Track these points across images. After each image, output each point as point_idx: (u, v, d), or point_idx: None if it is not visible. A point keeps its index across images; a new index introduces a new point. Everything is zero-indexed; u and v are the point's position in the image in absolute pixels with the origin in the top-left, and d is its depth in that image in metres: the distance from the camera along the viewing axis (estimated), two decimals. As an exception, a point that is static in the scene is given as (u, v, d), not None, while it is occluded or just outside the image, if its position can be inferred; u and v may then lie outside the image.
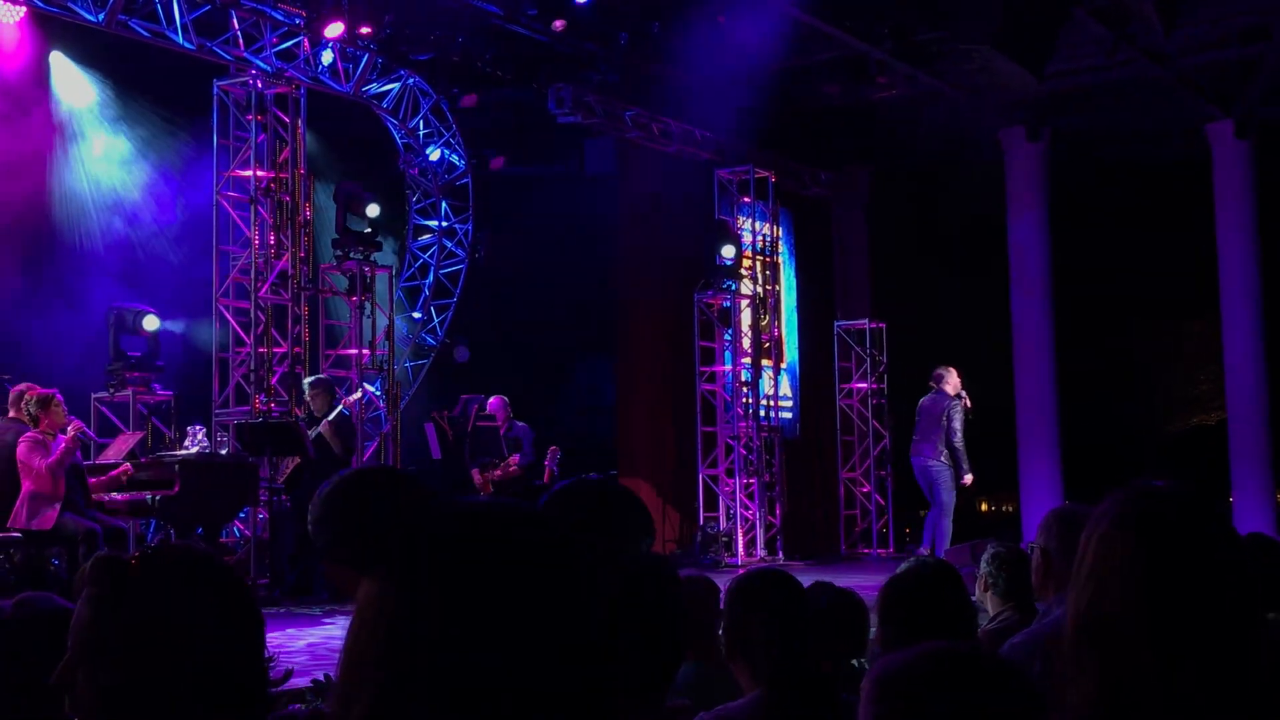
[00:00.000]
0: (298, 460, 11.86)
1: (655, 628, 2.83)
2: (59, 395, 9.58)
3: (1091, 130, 17.57)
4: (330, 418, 11.90)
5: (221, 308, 12.77)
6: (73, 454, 9.53)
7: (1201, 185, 17.24)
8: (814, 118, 17.49)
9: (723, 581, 4.12)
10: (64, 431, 9.51)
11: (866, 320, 18.80)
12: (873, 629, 4.47)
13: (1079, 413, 17.95)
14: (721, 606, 4.26)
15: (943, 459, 13.02)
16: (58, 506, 9.31)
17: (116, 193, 13.67)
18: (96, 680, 1.97)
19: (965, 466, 13.13)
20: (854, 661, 4.29)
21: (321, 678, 5.76)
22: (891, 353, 18.71)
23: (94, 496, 10.05)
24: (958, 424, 12.97)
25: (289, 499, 11.96)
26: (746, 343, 16.74)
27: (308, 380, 12.39)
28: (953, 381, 13.14)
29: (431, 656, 1.16)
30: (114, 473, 10.45)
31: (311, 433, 11.79)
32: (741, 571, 3.74)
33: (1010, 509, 18.56)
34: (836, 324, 18.97)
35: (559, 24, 13.84)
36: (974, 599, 4.33)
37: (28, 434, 9.33)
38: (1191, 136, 17.22)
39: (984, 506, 20.32)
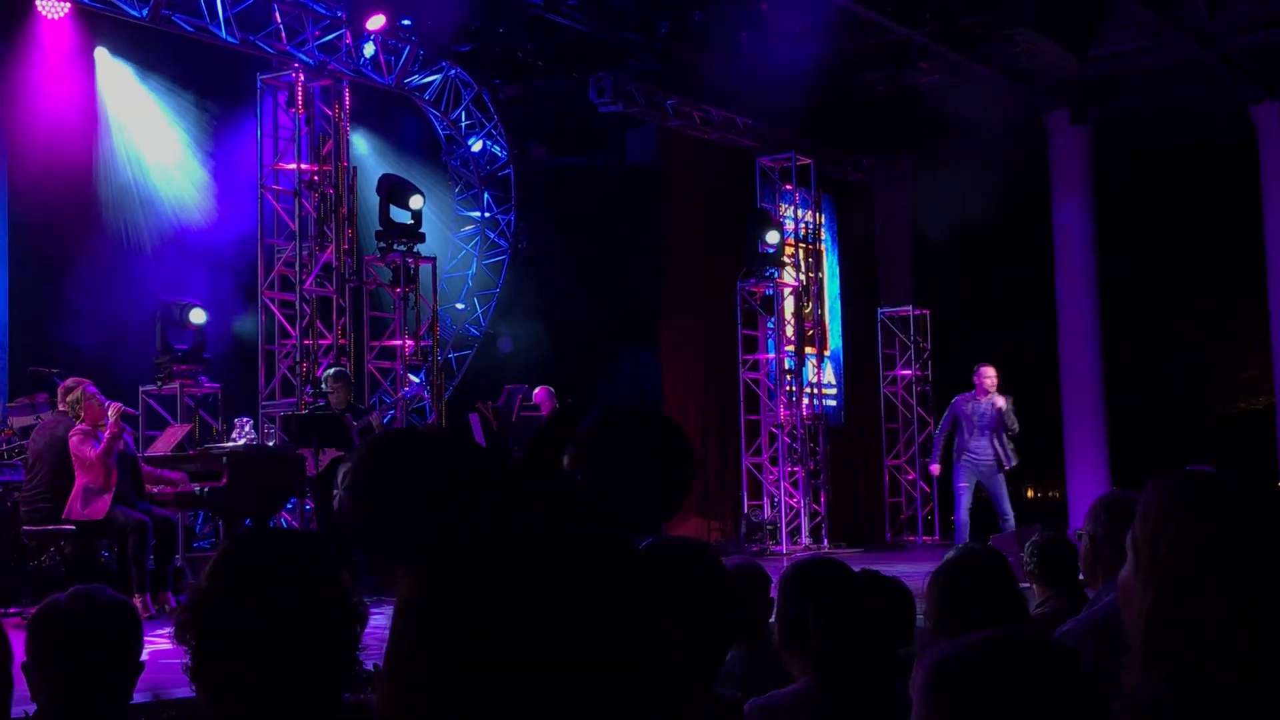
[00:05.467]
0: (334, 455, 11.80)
1: (701, 615, 2.82)
2: (89, 386, 9.64)
3: (1136, 113, 17.41)
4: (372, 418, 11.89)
5: (267, 300, 12.84)
6: (119, 437, 9.61)
7: (1248, 167, 17.06)
8: (856, 103, 17.40)
9: (769, 570, 4.12)
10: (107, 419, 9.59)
11: (910, 306, 18.71)
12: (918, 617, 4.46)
13: (1124, 398, 17.81)
14: (773, 594, 4.26)
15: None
16: (110, 496, 9.42)
17: (162, 187, 13.77)
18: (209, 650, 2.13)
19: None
20: (901, 650, 4.28)
21: (370, 667, 5.79)
22: (935, 339, 18.62)
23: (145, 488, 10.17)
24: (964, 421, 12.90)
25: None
26: (789, 330, 16.72)
27: (329, 372, 12.18)
28: (978, 382, 12.87)
29: (470, 662, 1.11)
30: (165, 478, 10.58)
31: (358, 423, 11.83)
32: (793, 560, 3.72)
33: (1057, 495, 18.45)
34: (880, 310, 18.90)
35: None
36: (1024, 586, 4.33)
37: (78, 426, 9.45)
38: (1237, 118, 17.04)
39: (1030, 493, 20.21)
